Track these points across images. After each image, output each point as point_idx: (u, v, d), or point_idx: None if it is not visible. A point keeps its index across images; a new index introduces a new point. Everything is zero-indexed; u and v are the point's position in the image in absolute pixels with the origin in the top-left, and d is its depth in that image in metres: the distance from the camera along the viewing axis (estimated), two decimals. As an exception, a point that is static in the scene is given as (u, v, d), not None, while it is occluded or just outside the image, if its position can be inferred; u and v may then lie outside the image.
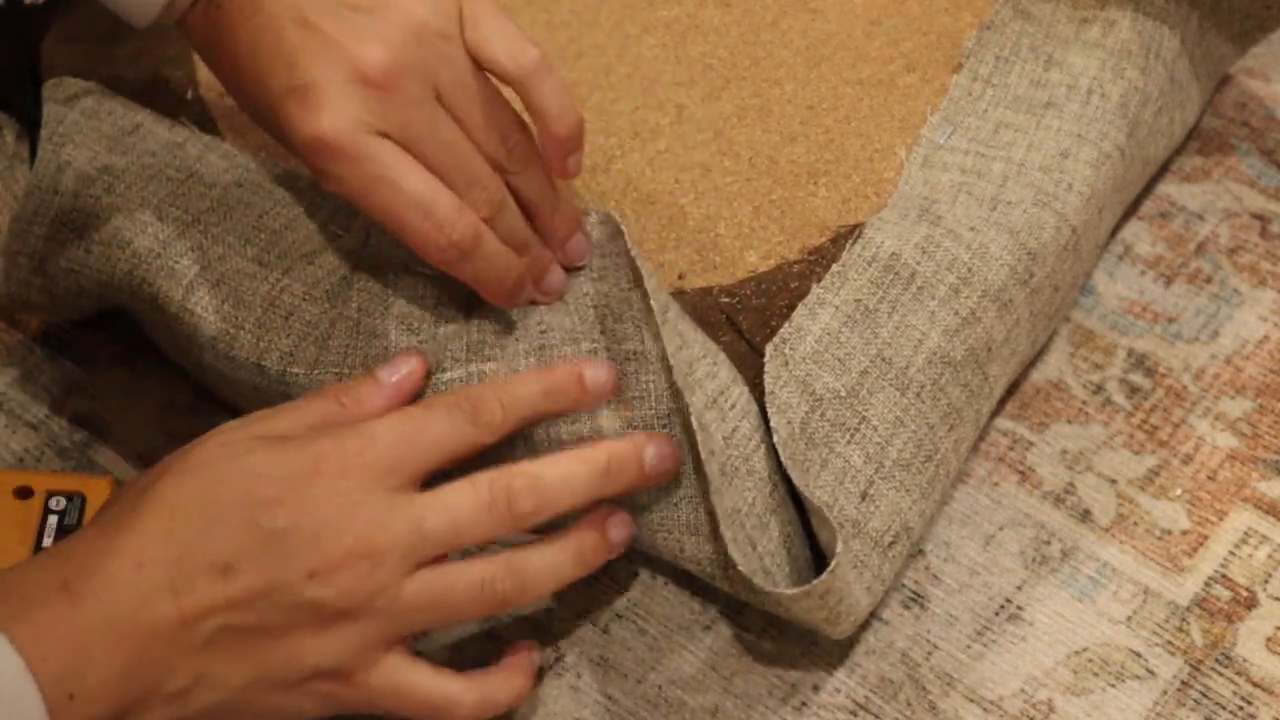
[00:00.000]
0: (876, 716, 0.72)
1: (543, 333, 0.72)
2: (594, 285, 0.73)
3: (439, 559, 0.66)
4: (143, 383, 0.81)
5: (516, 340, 0.72)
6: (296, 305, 0.74)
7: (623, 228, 0.72)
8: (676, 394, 0.70)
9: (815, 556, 0.72)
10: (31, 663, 0.60)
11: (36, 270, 0.77)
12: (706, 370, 0.71)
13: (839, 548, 0.66)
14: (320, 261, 0.75)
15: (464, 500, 0.66)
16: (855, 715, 0.72)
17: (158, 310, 0.75)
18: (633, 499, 0.70)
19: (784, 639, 0.74)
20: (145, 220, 0.76)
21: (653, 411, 0.70)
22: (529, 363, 0.71)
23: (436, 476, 0.68)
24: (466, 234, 0.69)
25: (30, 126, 0.80)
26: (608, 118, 0.81)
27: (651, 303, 0.69)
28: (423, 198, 0.69)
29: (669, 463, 0.69)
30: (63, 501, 0.75)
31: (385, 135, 0.68)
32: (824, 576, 0.66)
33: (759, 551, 0.70)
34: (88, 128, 0.77)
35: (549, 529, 0.69)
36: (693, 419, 0.67)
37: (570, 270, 0.74)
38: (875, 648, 0.73)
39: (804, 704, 0.72)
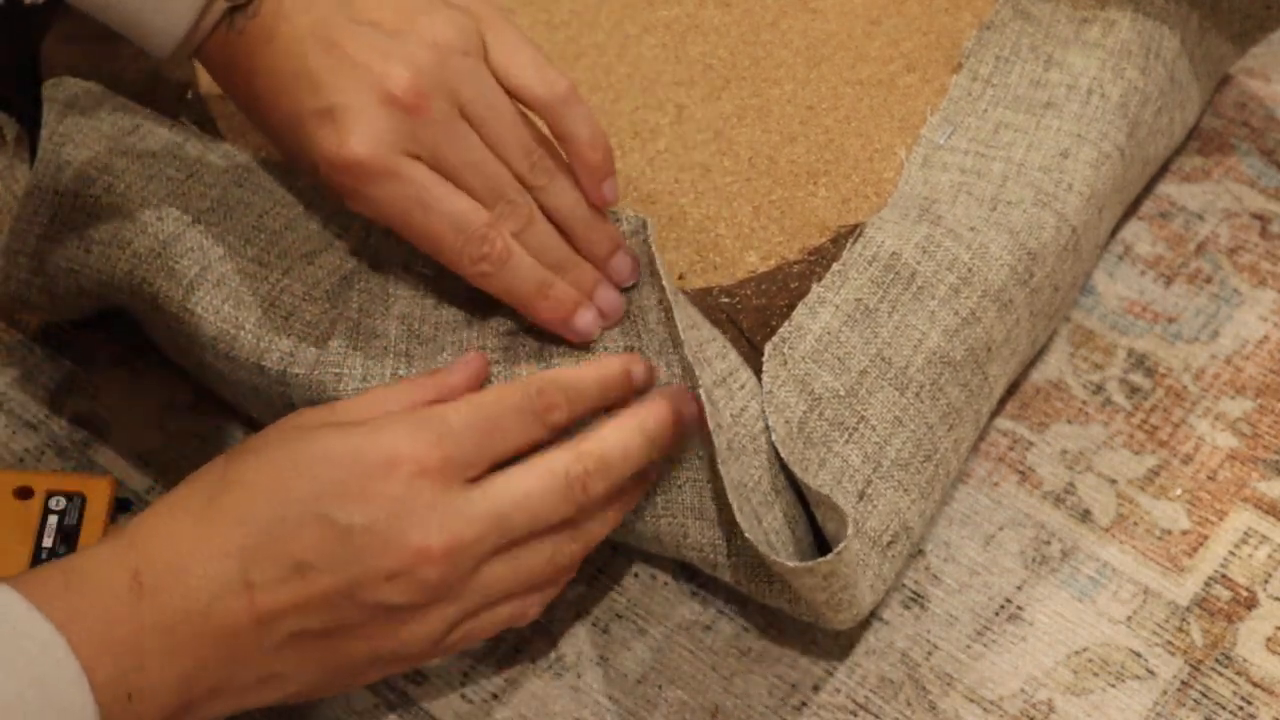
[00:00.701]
0: (876, 716, 0.72)
1: (542, 334, 0.72)
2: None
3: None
4: (143, 383, 0.81)
5: (521, 345, 0.72)
6: (296, 305, 0.74)
7: (647, 221, 0.73)
8: (676, 379, 0.70)
9: (818, 551, 0.72)
10: (89, 665, 0.59)
11: (36, 270, 0.77)
12: (717, 351, 0.71)
13: (849, 530, 0.66)
14: (320, 261, 0.75)
15: (543, 490, 0.65)
16: (855, 715, 0.72)
17: (158, 310, 0.75)
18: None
19: (784, 639, 0.74)
20: (145, 220, 0.76)
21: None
22: (529, 366, 0.71)
23: None
24: (497, 248, 0.70)
25: (30, 126, 0.80)
26: (608, 118, 0.81)
27: (664, 281, 0.70)
28: (455, 215, 0.69)
29: (698, 420, 0.68)
30: (63, 501, 0.75)
31: (413, 154, 0.69)
32: (829, 556, 0.66)
33: (764, 527, 0.69)
34: (88, 128, 0.77)
35: None
36: (701, 393, 0.67)
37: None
38: (875, 648, 0.73)
39: (804, 704, 0.72)
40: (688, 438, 0.69)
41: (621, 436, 0.67)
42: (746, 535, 0.66)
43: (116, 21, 0.71)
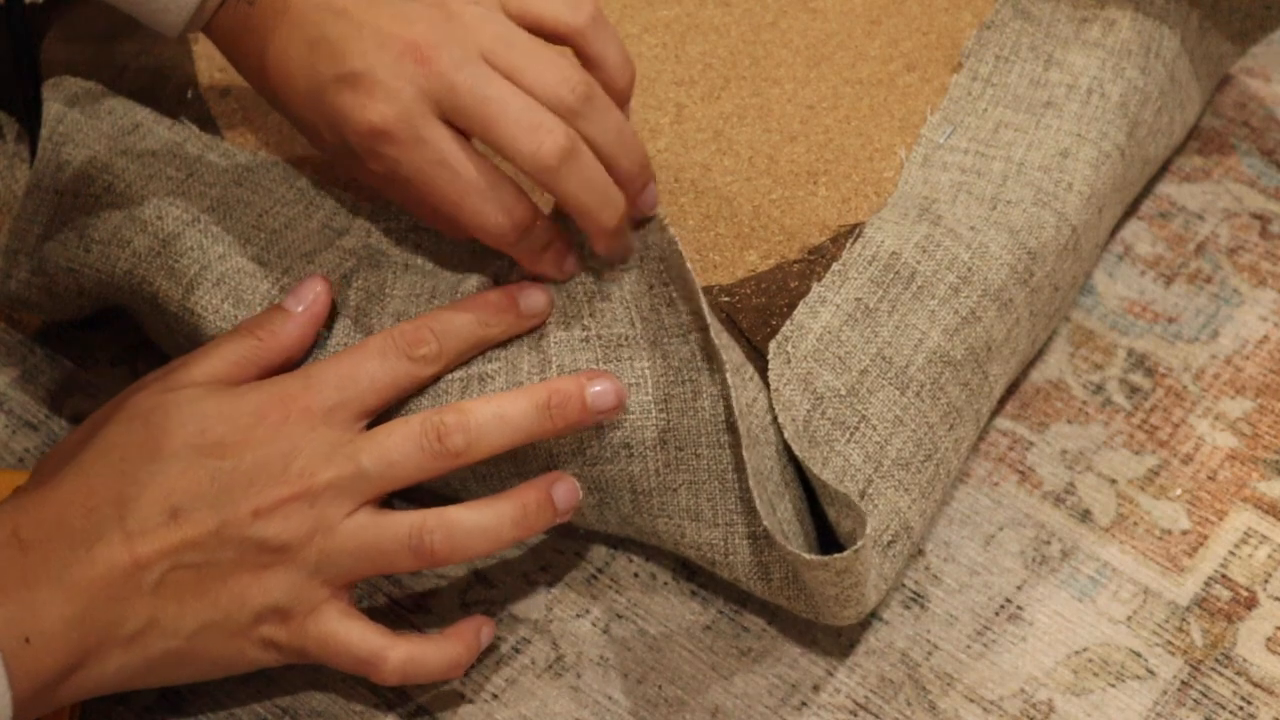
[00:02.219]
0: (876, 716, 0.72)
1: (539, 332, 0.72)
2: (582, 269, 0.74)
3: (381, 506, 0.68)
4: (143, 383, 0.81)
5: (518, 344, 0.72)
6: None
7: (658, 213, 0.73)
8: (668, 379, 0.70)
9: (821, 548, 0.72)
10: None
11: (36, 270, 0.77)
12: (727, 341, 0.71)
13: (868, 529, 0.66)
14: (320, 260, 0.75)
15: (396, 437, 0.68)
16: (855, 715, 0.72)
17: (158, 310, 0.75)
18: (632, 484, 0.70)
19: (784, 639, 0.74)
20: (145, 219, 0.76)
21: (649, 397, 0.70)
22: (530, 356, 0.71)
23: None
24: (525, 214, 0.70)
25: (30, 126, 0.80)
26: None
27: (686, 262, 0.70)
28: (482, 180, 0.69)
29: (612, 399, 0.69)
30: (62, 501, 0.75)
31: (439, 110, 0.68)
32: (846, 553, 0.66)
33: (779, 516, 0.69)
34: (88, 127, 0.77)
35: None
36: (727, 374, 0.68)
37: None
38: (875, 648, 0.73)
39: (804, 704, 0.72)
40: (608, 414, 0.69)
41: (503, 399, 0.69)
42: (765, 523, 0.66)
43: (127, 2, 0.71)
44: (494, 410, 0.68)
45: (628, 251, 0.73)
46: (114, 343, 0.82)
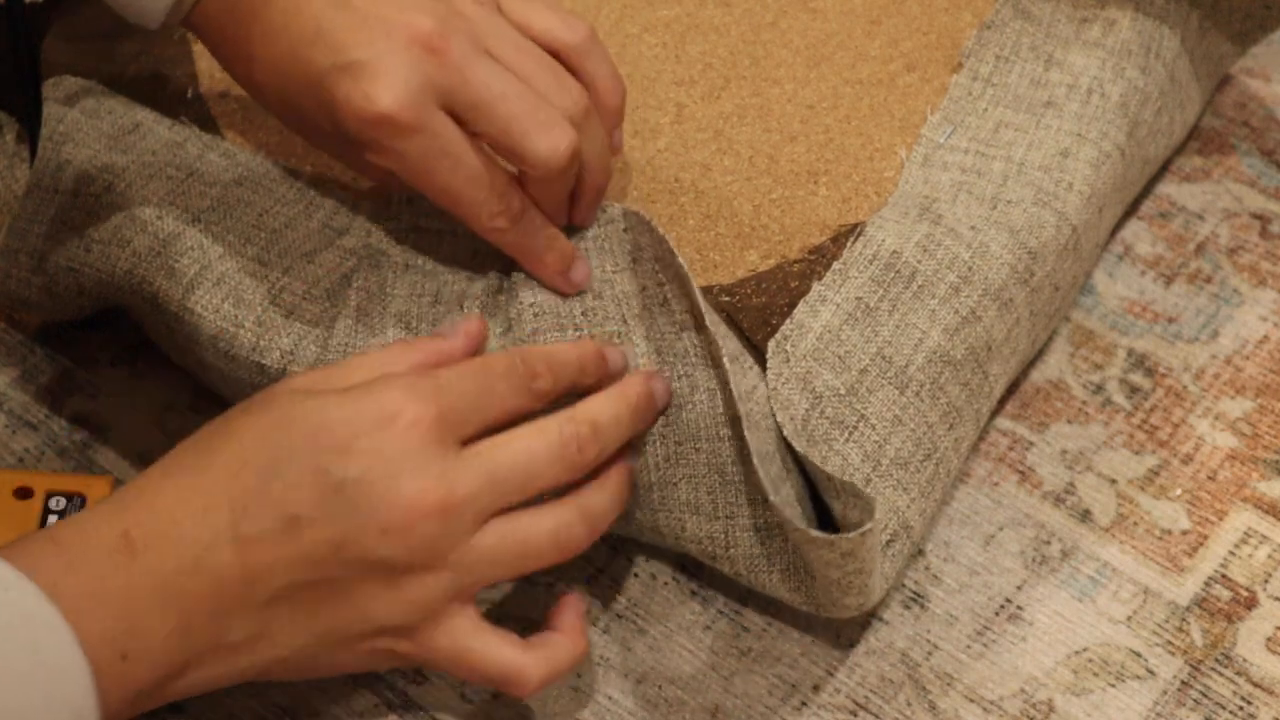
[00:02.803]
0: (876, 716, 0.72)
1: (536, 316, 0.72)
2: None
3: (508, 510, 0.65)
4: (143, 383, 0.81)
5: (512, 329, 0.72)
6: (296, 304, 0.74)
7: (637, 212, 0.73)
8: (668, 374, 0.70)
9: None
10: (80, 627, 0.59)
11: (36, 269, 0.77)
12: (725, 333, 0.71)
13: (876, 512, 0.65)
14: (320, 260, 0.75)
15: (537, 448, 0.65)
16: (855, 715, 0.72)
17: (158, 309, 0.75)
18: (634, 479, 0.71)
19: (784, 639, 0.74)
20: (145, 219, 0.76)
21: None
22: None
23: None
24: (516, 204, 0.70)
25: (30, 126, 0.80)
26: (608, 117, 0.81)
27: (678, 258, 0.70)
28: (481, 171, 0.69)
29: (668, 397, 0.69)
30: (63, 501, 0.75)
31: (444, 101, 0.68)
32: (853, 534, 0.65)
33: (781, 498, 0.69)
34: (88, 127, 0.77)
35: None
36: (725, 362, 0.68)
37: None
38: (875, 648, 0.73)
39: (804, 704, 0.72)
40: (663, 409, 0.70)
41: (610, 403, 0.67)
42: (771, 499, 0.66)
43: None
44: (612, 416, 0.67)
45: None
46: (114, 343, 0.82)
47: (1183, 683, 0.72)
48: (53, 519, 0.74)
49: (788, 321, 0.72)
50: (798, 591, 0.71)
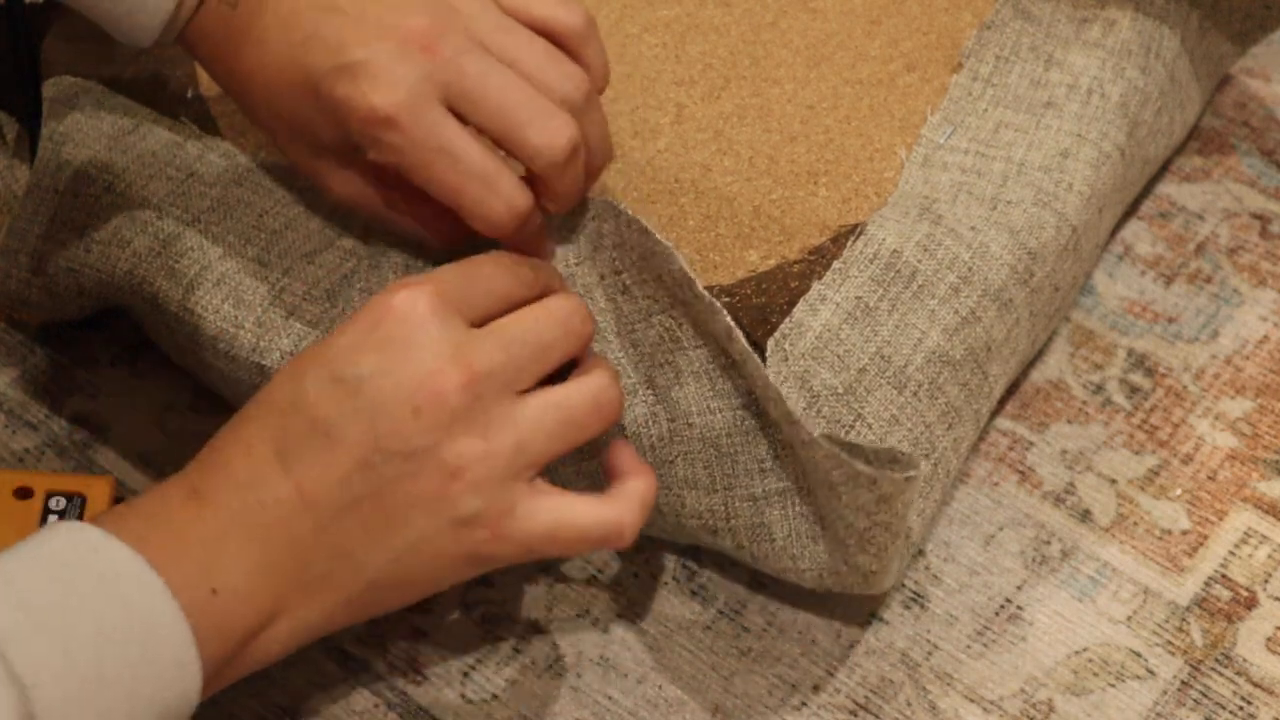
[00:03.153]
0: (876, 716, 0.72)
1: None
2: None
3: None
4: (143, 383, 0.81)
5: None
6: (297, 304, 0.74)
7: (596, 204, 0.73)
8: (645, 363, 0.71)
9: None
10: (167, 573, 0.59)
11: (36, 269, 0.77)
12: (698, 293, 0.71)
13: (922, 464, 0.65)
14: (320, 260, 0.75)
15: (541, 318, 0.65)
16: (855, 715, 0.72)
17: (157, 310, 0.75)
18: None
19: (784, 639, 0.74)
20: (145, 219, 0.76)
21: (633, 380, 0.71)
22: None
23: None
24: (526, 203, 0.69)
25: (30, 126, 0.80)
26: (608, 117, 0.81)
27: (647, 234, 0.70)
28: (484, 168, 0.68)
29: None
30: (63, 501, 0.74)
31: (444, 96, 0.68)
32: (897, 474, 0.65)
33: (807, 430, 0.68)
34: (88, 127, 0.77)
35: None
36: (718, 315, 0.68)
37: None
38: (875, 648, 0.73)
39: (804, 704, 0.72)
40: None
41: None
42: (788, 408, 0.65)
43: (99, 10, 0.70)
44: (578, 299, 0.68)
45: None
46: (114, 343, 0.82)
47: (1183, 683, 0.72)
48: (53, 519, 0.74)
49: (786, 320, 0.72)
50: (801, 559, 0.70)
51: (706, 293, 0.67)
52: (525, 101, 0.68)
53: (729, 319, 0.67)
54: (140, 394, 0.81)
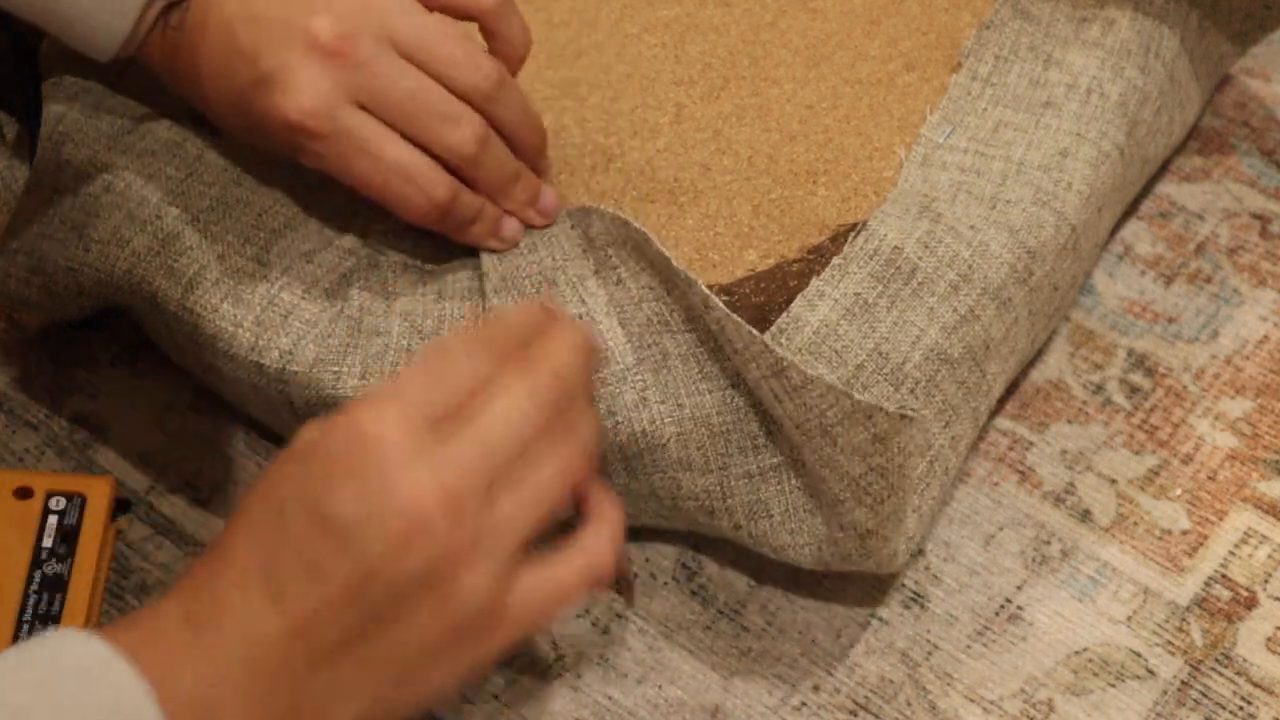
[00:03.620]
0: (876, 716, 0.72)
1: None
2: (524, 259, 0.74)
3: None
4: (143, 383, 0.81)
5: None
6: (296, 304, 0.74)
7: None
8: (633, 344, 0.71)
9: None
10: (158, 688, 0.58)
11: (36, 269, 0.77)
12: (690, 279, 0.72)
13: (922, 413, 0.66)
14: (319, 260, 0.76)
15: (509, 402, 0.63)
16: (855, 715, 0.72)
17: (157, 309, 0.75)
18: (622, 450, 0.71)
19: (784, 639, 0.74)
20: (144, 219, 0.76)
21: (620, 365, 0.71)
22: None
23: None
24: (446, 193, 0.72)
25: (30, 126, 0.80)
26: (607, 116, 0.81)
27: (637, 226, 0.71)
28: (402, 164, 0.71)
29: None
30: (63, 501, 0.74)
31: (355, 99, 0.70)
32: (892, 409, 0.65)
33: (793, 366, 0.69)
34: (87, 127, 0.77)
35: None
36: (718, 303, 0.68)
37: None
38: (875, 648, 0.73)
39: (804, 704, 0.72)
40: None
41: (561, 338, 0.65)
42: (780, 354, 0.66)
43: (57, 26, 0.71)
44: (566, 344, 0.65)
45: (539, 220, 0.75)
46: (114, 343, 0.82)
47: (1183, 683, 0.72)
48: (52, 519, 0.74)
49: (784, 315, 0.72)
50: (800, 532, 0.71)
51: (682, 268, 0.69)
52: (435, 103, 0.71)
53: (704, 288, 0.68)
54: (140, 394, 0.81)
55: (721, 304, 0.68)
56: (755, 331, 0.67)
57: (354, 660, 0.61)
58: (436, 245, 0.76)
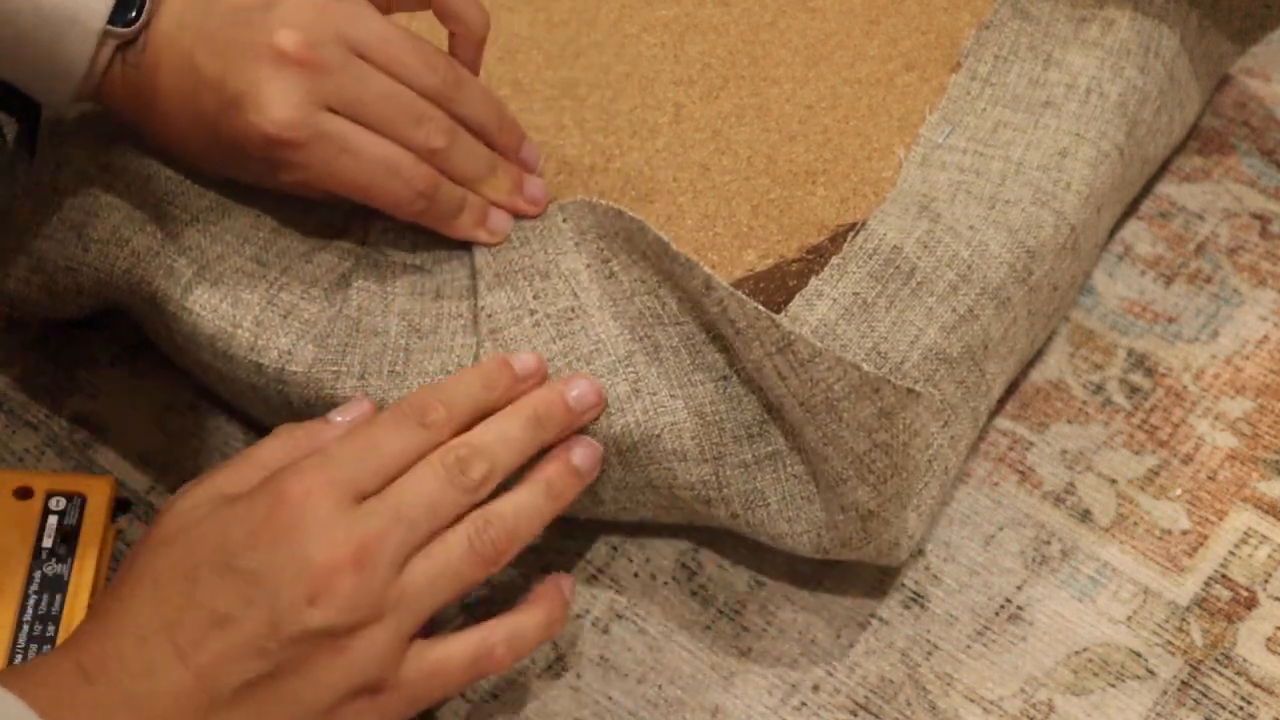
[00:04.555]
0: (876, 716, 0.72)
1: (489, 316, 0.73)
2: (517, 253, 0.74)
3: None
4: (143, 383, 0.81)
5: (479, 327, 0.73)
6: (294, 304, 0.74)
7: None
8: (625, 337, 0.71)
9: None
10: None
11: (35, 269, 0.77)
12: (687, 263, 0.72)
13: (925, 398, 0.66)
14: (318, 260, 0.76)
15: (426, 480, 0.66)
16: (855, 715, 0.72)
17: (156, 309, 0.75)
18: (616, 444, 0.71)
19: (784, 639, 0.74)
20: (144, 219, 0.76)
21: (612, 358, 0.71)
22: (489, 348, 0.72)
23: None
24: (428, 180, 0.73)
25: (30, 126, 0.80)
26: (606, 116, 0.81)
27: (631, 216, 0.71)
28: (384, 158, 0.72)
29: (592, 397, 0.70)
30: (63, 501, 0.75)
31: (329, 103, 0.71)
32: (900, 384, 0.66)
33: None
34: (87, 126, 0.77)
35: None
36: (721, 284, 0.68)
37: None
38: (875, 648, 0.73)
39: (804, 704, 0.72)
40: (593, 411, 0.71)
41: (495, 423, 0.69)
42: (787, 328, 0.67)
43: (10, 72, 0.72)
44: (496, 434, 0.68)
45: (529, 209, 0.76)
46: (114, 343, 0.82)
47: (1183, 683, 0.72)
48: (52, 519, 0.74)
49: (782, 315, 0.72)
50: (796, 522, 0.71)
51: (681, 251, 0.69)
52: (403, 103, 0.72)
53: (707, 270, 0.68)
54: (140, 394, 0.81)
55: (724, 283, 0.68)
56: (760, 307, 0.67)
57: (255, 710, 0.63)
58: (434, 245, 0.76)
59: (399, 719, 0.66)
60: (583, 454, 0.70)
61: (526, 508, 0.68)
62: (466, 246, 0.76)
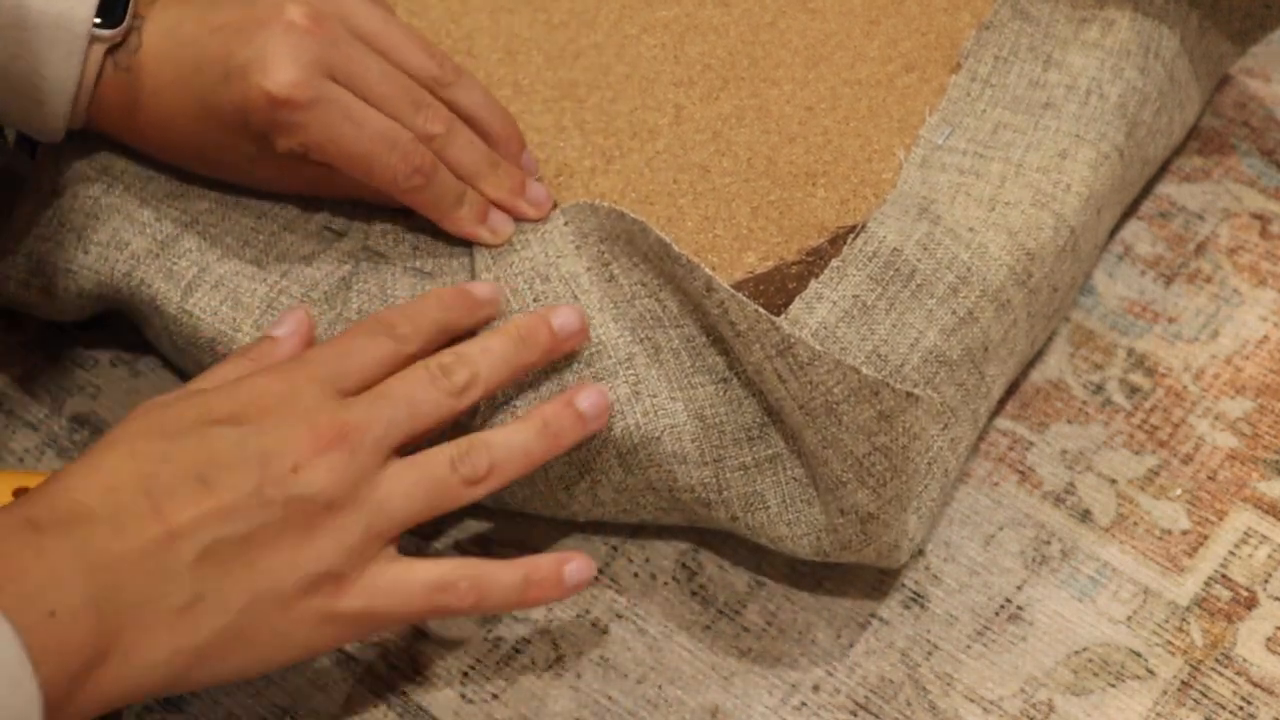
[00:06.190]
0: (876, 716, 0.72)
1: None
2: (517, 256, 0.74)
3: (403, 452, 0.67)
4: (143, 383, 0.81)
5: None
6: (294, 306, 0.74)
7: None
8: (625, 339, 0.71)
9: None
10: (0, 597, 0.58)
11: (35, 271, 0.77)
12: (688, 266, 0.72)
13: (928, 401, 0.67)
14: (318, 263, 0.76)
15: (408, 378, 0.67)
16: (855, 715, 0.72)
17: (156, 311, 0.75)
18: (616, 446, 0.71)
19: (784, 639, 0.74)
20: (144, 221, 0.76)
21: (612, 360, 0.71)
22: None
23: None
24: (427, 159, 0.73)
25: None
26: (606, 118, 0.81)
27: (634, 217, 0.71)
28: (385, 131, 0.72)
29: (576, 323, 0.71)
30: (63, 502, 0.74)
31: (332, 73, 0.72)
32: (899, 387, 0.66)
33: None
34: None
35: None
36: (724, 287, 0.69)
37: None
38: (875, 648, 0.73)
39: (804, 704, 0.72)
40: (575, 340, 0.71)
41: (479, 340, 0.70)
42: (787, 330, 0.67)
43: (1, 105, 0.72)
44: (479, 346, 0.69)
45: (531, 211, 0.76)
46: (114, 343, 0.82)
47: (1183, 683, 0.72)
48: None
49: (782, 317, 0.72)
50: (796, 525, 0.71)
51: (683, 252, 0.69)
52: (404, 90, 0.73)
53: (708, 271, 0.68)
54: (140, 394, 0.81)
55: (725, 284, 0.68)
56: (761, 309, 0.67)
57: (219, 572, 0.62)
58: (435, 248, 0.76)
59: (350, 629, 0.66)
60: (588, 398, 0.70)
61: (516, 441, 0.68)
62: (467, 250, 0.76)
